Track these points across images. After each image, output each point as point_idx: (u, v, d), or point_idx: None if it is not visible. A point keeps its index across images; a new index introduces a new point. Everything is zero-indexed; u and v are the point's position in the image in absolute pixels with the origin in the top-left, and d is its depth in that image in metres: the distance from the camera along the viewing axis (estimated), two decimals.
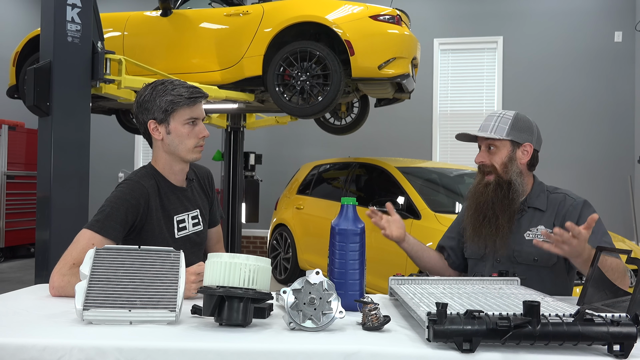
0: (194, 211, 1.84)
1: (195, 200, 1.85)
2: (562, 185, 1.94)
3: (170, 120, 1.70)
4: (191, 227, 1.82)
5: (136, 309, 1.22)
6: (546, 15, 7.34)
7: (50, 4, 3.37)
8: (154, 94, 1.69)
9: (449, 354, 1.03)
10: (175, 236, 1.77)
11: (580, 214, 1.75)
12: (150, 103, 1.70)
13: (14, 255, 7.45)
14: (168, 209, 1.76)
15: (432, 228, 3.78)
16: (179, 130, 1.70)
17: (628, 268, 3.23)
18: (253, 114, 6.08)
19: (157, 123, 1.71)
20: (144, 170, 1.77)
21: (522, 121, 1.82)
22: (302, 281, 1.21)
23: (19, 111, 6.54)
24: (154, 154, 1.79)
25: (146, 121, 1.72)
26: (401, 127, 7.51)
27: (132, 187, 1.69)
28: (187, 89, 1.70)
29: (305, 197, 5.79)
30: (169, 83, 1.71)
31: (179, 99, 1.68)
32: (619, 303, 1.32)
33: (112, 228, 1.62)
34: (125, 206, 1.65)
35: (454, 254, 1.98)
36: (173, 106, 1.68)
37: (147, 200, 1.70)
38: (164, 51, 4.85)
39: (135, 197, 1.68)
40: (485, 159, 1.82)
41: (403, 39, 4.45)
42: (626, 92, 7.12)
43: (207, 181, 1.94)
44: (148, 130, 1.73)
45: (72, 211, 3.44)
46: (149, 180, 1.74)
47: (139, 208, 1.68)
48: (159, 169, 1.77)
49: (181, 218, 1.79)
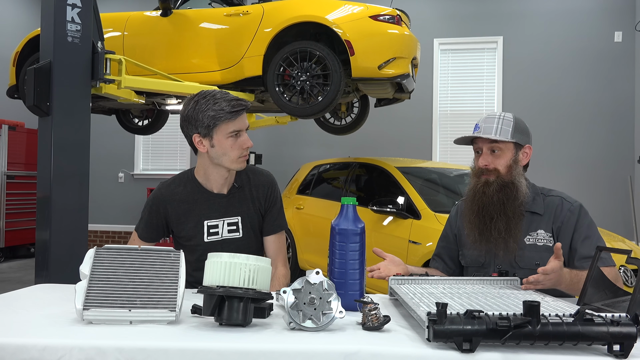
0: (233, 218, 1.85)
1: (236, 208, 1.86)
2: (562, 184, 1.94)
3: (214, 134, 1.73)
4: (225, 233, 1.84)
5: (136, 309, 1.22)
6: (546, 15, 7.34)
7: (50, 4, 3.37)
8: (197, 109, 1.71)
9: (449, 354, 1.03)
10: (205, 240, 1.82)
11: (577, 220, 1.74)
12: (194, 118, 1.72)
13: (14, 255, 7.45)
14: (198, 214, 1.82)
15: (432, 228, 3.78)
16: (222, 143, 1.73)
17: (628, 268, 3.24)
18: (253, 114, 6.08)
19: (202, 137, 1.74)
20: (180, 176, 1.88)
21: (521, 123, 1.79)
22: (302, 281, 1.21)
23: (19, 111, 6.54)
24: (197, 162, 1.86)
25: (191, 135, 1.76)
26: (401, 127, 7.51)
27: (155, 194, 1.86)
28: (229, 103, 1.71)
29: (305, 197, 5.79)
30: (211, 97, 1.72)
31: (221, 114, 1.70)
32: (619, 303, 1.32)
33: (142, 230, 1.87)
34: (148, 210, 1.85)
35: (451, 261, 1.94)
36: (215, 121, 1.70)
37: (165, 206, 1.83)
38: (164, 51, 4.85)
39: (156, 202, 1.84)
40: (489, 162, 1.75)
41: (403, 39, 4.45)
42: (626, 92, 7.12)
43: (261, 190, 1.90)
44: (193, 143, 1.77)
45: (72, 211, 3.43)
46: (179, 187, 1.85)
47: (159, 212, 1.84)
48: (198, 177, 1.85)
49: (214, 223, 1.83)
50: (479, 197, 1.75)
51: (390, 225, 4.21)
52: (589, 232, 1.73)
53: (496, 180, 1.74)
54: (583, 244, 1.71)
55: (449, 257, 1.94)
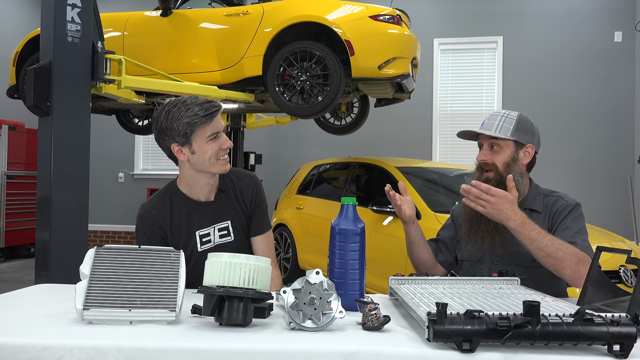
0: (223, 223, 1.83)
1: (224, 213, 1.83)
2: (562, 185, 1.95)
3: (192, 141, 1.69)
4: (217, 239, 1.82)
5: (136, 309, 1.22)
6: (546, 15, 7.34)
7: (50, 4, 3.37)
8: (170, 119, 1.68)
9: (449, 354, 1.03)
10: (199, 250, 1.80)
11: (567, 213, 1.77)
12: (168, 128, 1.68)
13: (14, 255, 7.45)
14: (189, 226, 1.79)
15: (432, 228, 3.77)
16: (203, 148, 1.70)
17: (628, 268, 3.23)
18: (253, 114, 6.09)
19: (180, 146, 1.71)
20: (163, 192, 1.83)
21: (525, 122, 1.83)
22: (302, 281, 1.21)
23: (19, 111, 6.54)
24: (179, 173, 1.81)
25: (169, 146, 1.72)
26: (401, 127, 7.51)
27: (143, 219, 1.79)
28: (201, 106, 1.67)
29: (305, 197, 5.79)
30: (182, 104, 1.68)
31: (196, 119, 1.66)
32: (619, 303, 1.32)
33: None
34: (145, 238, 1.78)
35: (446, 249, 1.99)
36: (192, 127, 1.67)
37: (160, 226, 1.78)
38: (164, 51, 4.85)
39: (149, 226, 1.78)
40: (488, 158, 1.81)
41: (403, 39, 4.45)
42: (626, 92, 7.12)
43: (246, 192, 1.88)
44: (173, 153, 1.74)
45: (72, 211, 3.44)
46: (163, 204, 1.79)
47: (158, 234, 1.78)
48: (182, 188, 1.81)
49: (205, 232, 1.81)
50: None
51: (390, 225, 4.21)
52: (573, 224, 1.75)
53: (495, 177, 1.79)
54: (562, 232, 1.74)
55: (444, 245, 2.00)
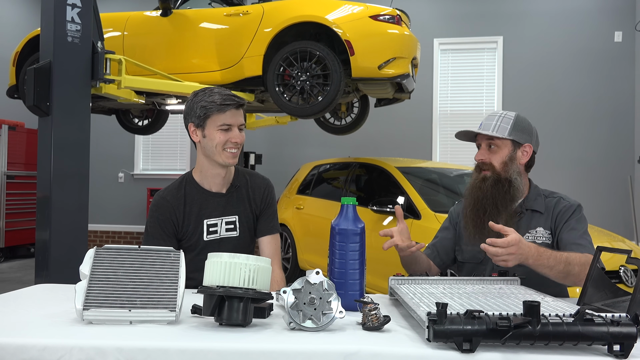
0: (231, 217, 1.89)
1: (234, 207, 1.90)
2: (562, 185, 1.96)
3: (205, 125, 1.80)
4: (223, 232, 1.88)
5: (136, 309, 1.22)
6: (546, 15, 7.34)
7: (50, 4, 3.37)
8: (194, 101, 1.81)
9: (449, 354, 1.03)
10: (204, 239, 1.86)
11: (571, 215, 1.78)
12: (191, 108, 1.82)
13: (14, 255, 7.45)
14: (199, 214, 1.85)
15: (432, 228, 3.78)
16: (212, 135, 1.79)
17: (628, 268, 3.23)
18: (253, 114, 6.08)
19: (195, 127, 1.82)
20: (177, 182, 1.90)
21: (523, 122, 1.85)
22: (302, 281, 1.21)
23: (19, 111, 6.54)
24: (197, 159, 1.91)
25: (187, 125, 1.85)
26: (401, 127, 7.51)
27: (157, 205, 1.86)
28: (221, 96, 1.77)
29: (305, 197, 5.79)
30: (209, 90, 1.81)
31: (211, 105, 1.77)
32: (619, 303, 1.32)
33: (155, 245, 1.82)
34: (157, 223, 1.84)
35: (444, 252, 1.97)
36: (206, 112, 1.78)
37: (174, 212, 1.85)
38: (164, 51, 4.85)
39: (163, 212, 1.84)
40: (485, 157, 1.83)
41: (403, 39, 4.45)
42: (626, 92, 7.12)
43: (257, 191, 1.95)
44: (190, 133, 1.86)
45: (72, 211, 3.44)
46: (178, 191, 1.87)
47: (171, 220, 1.84)
48: (195, 177, 1.89)
49: (212, 222, 1.87)
50: (476, 191, 1.83)
51: (390, 225, 4.21)
52: (577, 225, 1.76)
53: (492, 176, 1.80)
54: (569, 233, 1.75)
55: (443, 248, 1.98)
